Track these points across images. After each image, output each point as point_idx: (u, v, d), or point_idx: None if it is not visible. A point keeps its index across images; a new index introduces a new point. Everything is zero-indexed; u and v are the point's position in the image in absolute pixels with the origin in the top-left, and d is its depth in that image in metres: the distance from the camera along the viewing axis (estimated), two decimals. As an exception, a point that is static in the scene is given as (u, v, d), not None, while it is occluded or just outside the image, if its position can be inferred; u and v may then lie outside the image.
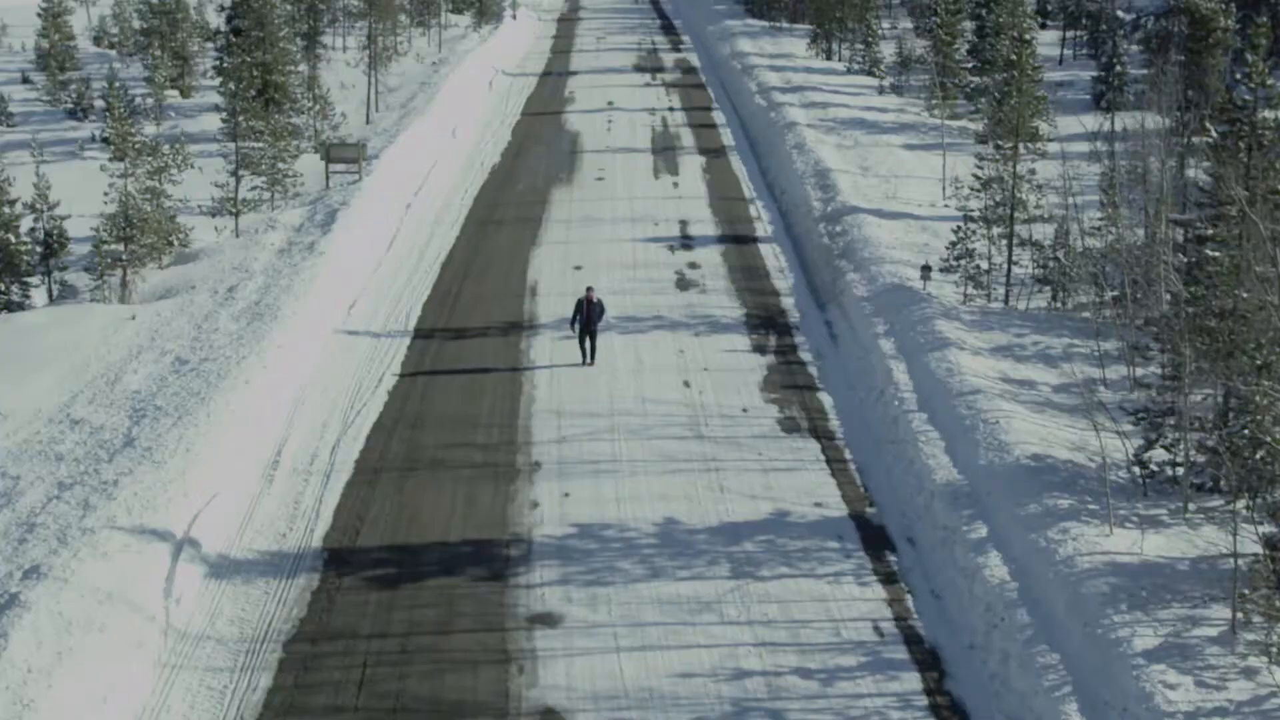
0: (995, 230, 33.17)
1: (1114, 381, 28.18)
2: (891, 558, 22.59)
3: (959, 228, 33.48)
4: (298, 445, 26.39)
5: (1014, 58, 32.42)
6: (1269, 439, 20.71)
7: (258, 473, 25.05)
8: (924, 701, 18.67)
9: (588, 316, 30.14)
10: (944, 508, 23.30)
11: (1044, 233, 33.85)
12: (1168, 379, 22.77)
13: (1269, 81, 20.84)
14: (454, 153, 52.44)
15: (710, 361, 30.98)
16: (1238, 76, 21.12)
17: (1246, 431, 21.56)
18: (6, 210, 33.99)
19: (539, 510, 23.97)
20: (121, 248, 35.07)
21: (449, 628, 20.32)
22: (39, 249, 35.02)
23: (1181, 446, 22.36)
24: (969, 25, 61.39)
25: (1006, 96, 32.54)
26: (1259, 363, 21.37)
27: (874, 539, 23.18)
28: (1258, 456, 21.27)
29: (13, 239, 33.91)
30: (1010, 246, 33.23)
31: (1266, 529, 19.78)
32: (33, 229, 35.09)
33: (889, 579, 21.88)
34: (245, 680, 18.94)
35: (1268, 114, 21.25)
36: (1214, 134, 21.63)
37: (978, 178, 32.73)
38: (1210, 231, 21.85)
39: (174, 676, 18.91)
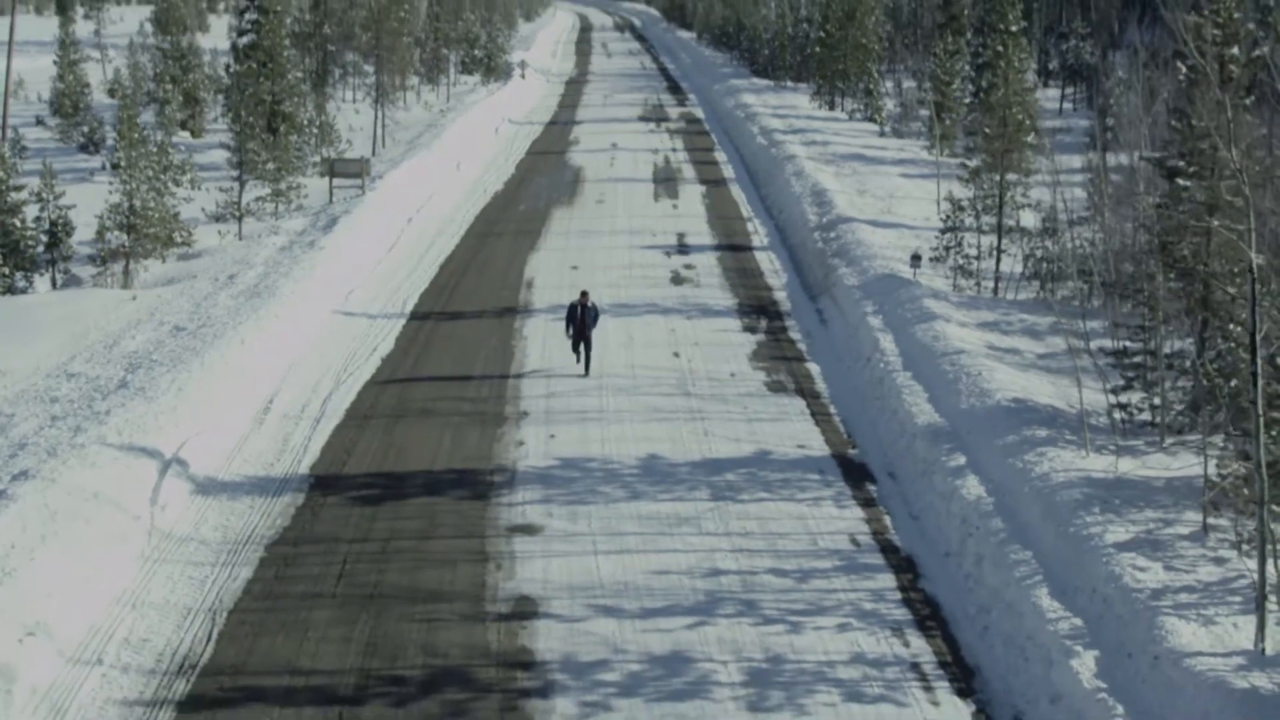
0: (983, 219, 33.63)
1: (1098, 353, 28.40)
2: (871, 487, 22.80)
3: (948, 216, 33.96)
4: (289, 397, 26.74)
5: (1000, 49, 33.08)
6: (1242, 365, 20.95)
7: (248, 416, 25.38)
8: (897, 597, 18.82)
9: (581, 322, 27.95)
10: (925, 445, 23.53)
11: (1033, 221, 34.35)
12: (1146, 317, 23.06)
13: (1235, 15, 21.44)
14: (457, 181, 53.22)
15: (701, 338, 31.37)
16: (1205, 13, 21.67)
17: (1219, 364, 21.82)
18: (13, 196, 34.60)
19: (524, 447, 24.27)
20: (125, 236, 35.56)
21: (430, 535, 20.54)
22: (44, 237, 35.59)
23: (1158, 369, 22.62)
24: (970, 74, 62.34)
25: (993, 89, 33.11)
26: (1233, 293, 21.67)
27: (855, 472, 23.41)
28: (1231, 384, 21.48)
29: (18, 224, 34.48)
30: (1000, 234, 33.66)
31: (1241, 448, 20.00)
32: (38, 218, 35.68)
33: (868, 503, 22.09)
34: (226, 572, 19.17)
35: (1235, 51, 21.76)
36: (1183, 69, 22.12)
37: (966, 166, 33.23)
38: (1182, 164, 22.27)
39: (156, 568, 19.14)
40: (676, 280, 37.26)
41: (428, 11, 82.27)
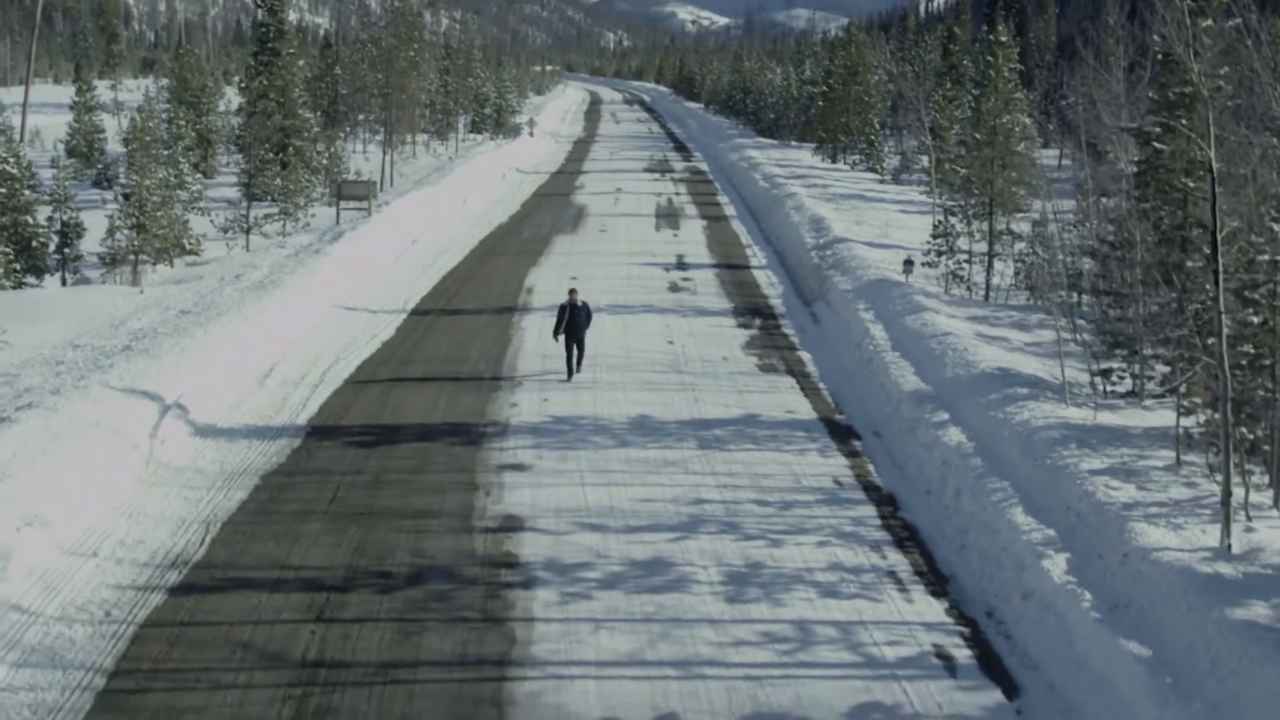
0: (974, 225, 34.27)
1: (1086, 343, 28.91)
2: (856, 443, 23.23)
3: (939, 223, 34.61)
4: (290, 367, 27.29)
5: (990, 58, 33.88)
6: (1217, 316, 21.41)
7: (249, 379, 25.90)
8: (877, 523, 19.22)
9: (571, 323, 26.65)
10: (909, 407, 23.99)
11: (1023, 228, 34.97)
12: (1126, 281, 23.59)
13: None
14: (462, 214, 54.03)
15: (695, 331, 31.96)
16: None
17: (1198, 322, 22.29)
18: (27, 194, 35.40)
19: (518, 408, 24.78)
20: (134, 235, 36.27)
21: (422, 470, 21.01)
22: (55, 238, 36.33)
23: (1137, 337, 23.10)
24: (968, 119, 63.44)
25: (983, 98, 33.88)
26: (1208, 251, 22.17)
27: (840, 432, 23.86)
28: (1208, 343, 21.95)
29: (30, 221, 35.23)
30: (991, 240, 34.27)
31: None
32: (50, 218, 36.48)
33: (852, 454, 22.52)
34: (221, 494, 19.63)
35: (1210, 22, 22.43)
36: (1158, 41, 22.85)
37: (956, 171, 33.90)
38: (1158, 130, 22.91)
39: (152, 488, 19.62)
40: (674, 289, 37.93)
41: (438, 67, 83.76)
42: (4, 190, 34.97)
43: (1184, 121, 23.35)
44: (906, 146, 73.38)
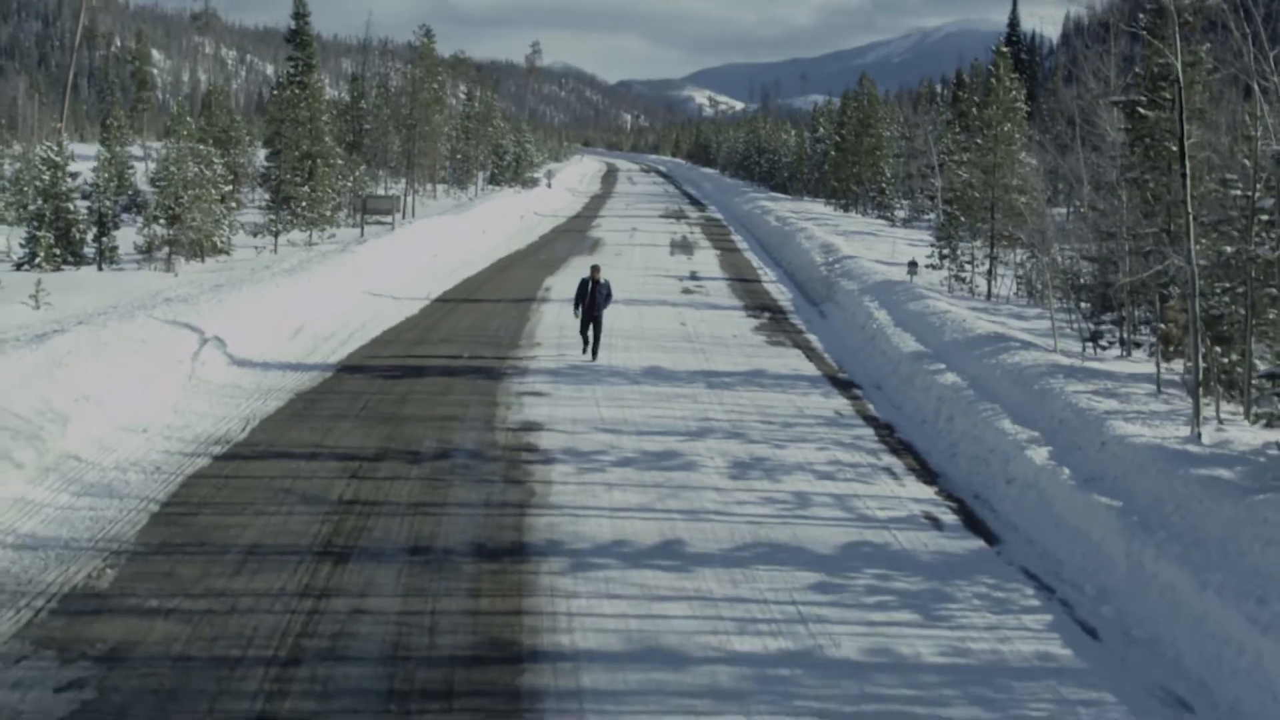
0: (977, 226, 35.66)
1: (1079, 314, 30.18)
2: (858, 391, 24.47)
3: (943, 225, 35.98)
4: (320, 328, 28.65)
5: (992, 67, 35.44)
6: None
7: (282, 333, 27.23)
8: (875, 438, 20.42)
9: (592, 300, 26.29)
10: (908, 364, 25.24)
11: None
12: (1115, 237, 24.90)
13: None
14: (481, 243, 55.57)
15: (706, 318, 33.34)
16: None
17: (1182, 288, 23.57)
18: (69, 181, 37.01)
19: (536, 359, 26.11)
20: (168, 225, 37.84)
21: (446, 392, 22.31)
22: (94, 227, 37.90)
23: (1122, 298, 24.39)
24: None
25: (985, 105, 35.40)
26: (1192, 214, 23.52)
27: (843, 384, 25.11)
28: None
29: (70, 208, 36.81)
30: (993, 242, 35.63)
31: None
32: (90, 208, 38.08)
33: (853, 398, 23.75)
34: (259, 402, 20.93)
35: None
36: (1143, 18, 24.38)
37: (957, 174, 35.33)
38: (1145, 99, 24.37)
39: (195, 395, 20.91)
40: (687, 291, 39.41)
41: (460, 112, 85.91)
42: (47, 177, 36.54)
43: (1166, 96, 24.83)
44: (917, 195, 74.95)
